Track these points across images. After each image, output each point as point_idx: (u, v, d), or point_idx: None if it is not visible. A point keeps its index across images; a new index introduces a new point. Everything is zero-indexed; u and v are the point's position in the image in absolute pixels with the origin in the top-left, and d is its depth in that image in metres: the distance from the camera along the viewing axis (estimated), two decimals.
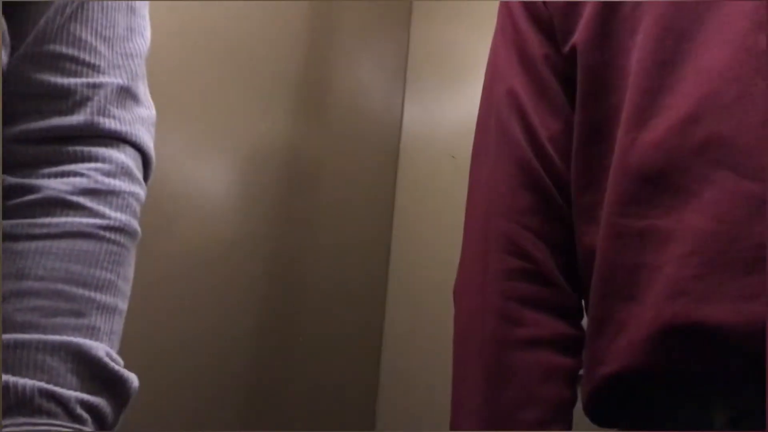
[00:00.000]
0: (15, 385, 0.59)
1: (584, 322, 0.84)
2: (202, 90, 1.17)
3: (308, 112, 1.37)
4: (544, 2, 0.89)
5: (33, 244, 0.64)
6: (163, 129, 1.02)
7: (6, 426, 0.59)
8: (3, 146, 0.67)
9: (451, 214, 1.38)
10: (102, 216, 0.67)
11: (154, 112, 0.76)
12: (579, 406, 0.82)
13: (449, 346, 0.86)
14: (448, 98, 1.65)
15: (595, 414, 0.82)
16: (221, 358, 1.15)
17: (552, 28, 0.88)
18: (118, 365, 0.65)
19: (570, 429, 0.80)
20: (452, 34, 1.71)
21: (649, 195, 0.75)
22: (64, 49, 0.69)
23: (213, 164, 1.20)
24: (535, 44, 0.88)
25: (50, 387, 0.60)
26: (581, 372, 0.82)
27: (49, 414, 0.60)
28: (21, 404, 0.59)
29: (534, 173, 0.85)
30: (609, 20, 0.82)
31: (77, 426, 0.61)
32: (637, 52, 0.79)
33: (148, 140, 0.74)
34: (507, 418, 0.77)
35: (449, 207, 1.50)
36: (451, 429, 0.81)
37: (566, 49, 0.86)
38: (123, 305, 0.68)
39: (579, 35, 0.84)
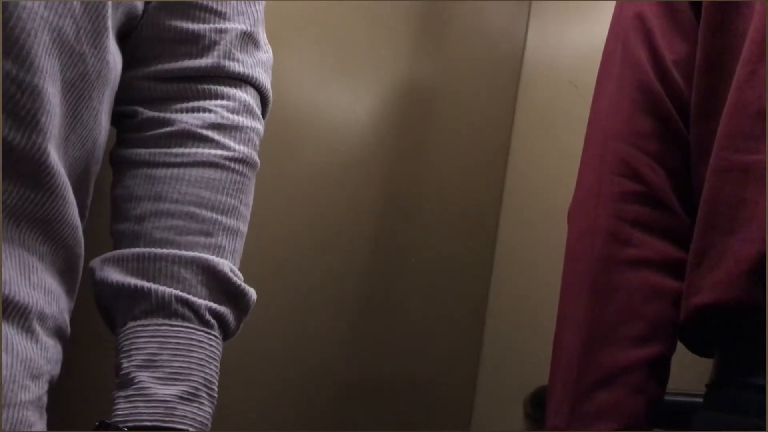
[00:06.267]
0: (156, 292, 0.68)
1: None
2: (324, 25, 1.20)
3: (429, 32, 1.38)
4: None
5: (169, 171, 0.73)
6: (289, 63, 1.07)
7: (147, 325, 0.68)
8: (139, 83, 0.76)
9: (568, 142, 1.37)
10: (227, 148, 0.75)
11: (271, 55, 0.83)
12: None
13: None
14: (574, 23, 1.62)
15: (687, 341, 0.83)
16: (336, 275, 1.21)
17: None
18: (239, 280, 0.73)
19: (672, 349, 0.81)
20: None
21: (760, 131, 0.73)
22: None
23: (336, 93, 1.24)
24: None
25: (185, 295, 0.69)
26: None
27: (184, 318, 0.69)
28: (160, 308, 0.68)
29: (656, 97, 0.85)
30: None
31: (206, 329, 0.70)
32: None
33: (266, 82, 0.81)
34: (609, 333, 0.80)
35: (567, 134, 1.49)
36: (555, 341, 0.84)
37: None
38: (244, 228, 0.77)
39: None
